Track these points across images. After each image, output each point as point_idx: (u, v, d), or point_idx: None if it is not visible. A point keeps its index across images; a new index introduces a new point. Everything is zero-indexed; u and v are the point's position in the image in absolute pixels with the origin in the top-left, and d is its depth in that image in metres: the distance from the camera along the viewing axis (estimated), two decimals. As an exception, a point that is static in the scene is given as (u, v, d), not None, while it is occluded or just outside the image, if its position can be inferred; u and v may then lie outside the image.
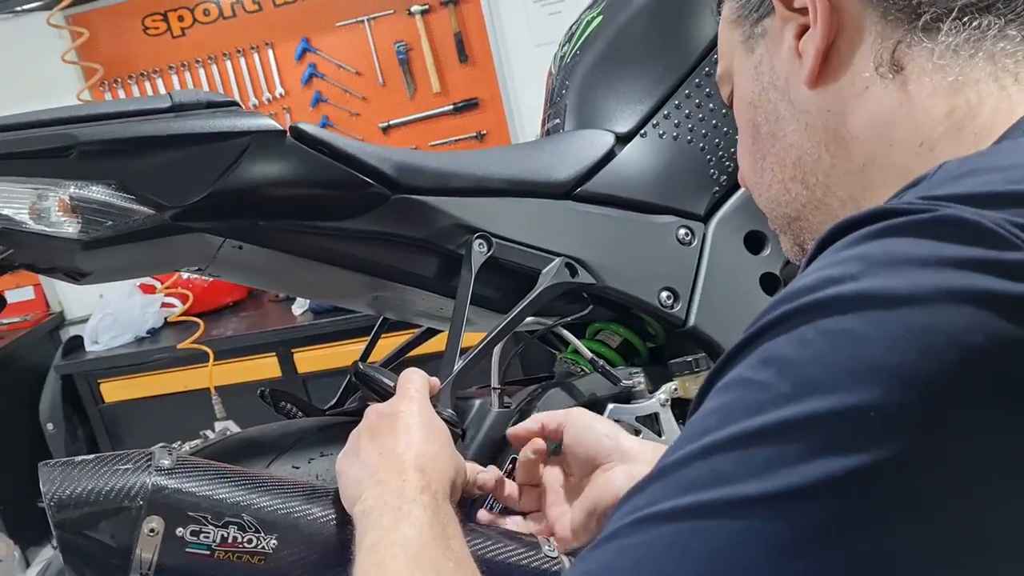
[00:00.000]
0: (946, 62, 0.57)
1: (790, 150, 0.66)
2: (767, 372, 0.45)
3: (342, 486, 0.80)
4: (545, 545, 0.89)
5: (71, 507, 0.75)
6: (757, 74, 0.67)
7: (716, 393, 0.48)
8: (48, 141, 0.86)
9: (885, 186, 0.59)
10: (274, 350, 3.05)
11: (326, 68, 3.39)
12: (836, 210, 0.65)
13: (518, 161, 1.12)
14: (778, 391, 0.44)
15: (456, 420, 0.92)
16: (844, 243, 0.48)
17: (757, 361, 0.46)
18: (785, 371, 0.44)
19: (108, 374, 3.19)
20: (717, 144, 1.18)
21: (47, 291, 3.61)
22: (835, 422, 0.42)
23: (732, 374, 0.48)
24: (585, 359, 1.12)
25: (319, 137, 0.95)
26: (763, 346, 0.46)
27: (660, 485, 0.46)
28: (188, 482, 0.78)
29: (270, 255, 1.00)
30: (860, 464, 0.41)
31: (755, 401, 0.44)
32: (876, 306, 0.43)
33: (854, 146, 0.62)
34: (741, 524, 0.42)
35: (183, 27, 3.41)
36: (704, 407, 0.48)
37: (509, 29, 3.23)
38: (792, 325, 0.45)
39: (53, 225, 0.90)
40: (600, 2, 1.30)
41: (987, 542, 0.42)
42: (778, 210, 0.70)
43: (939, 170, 0.50)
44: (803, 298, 0.46)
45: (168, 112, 0.92)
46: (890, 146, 0.59)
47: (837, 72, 0.61)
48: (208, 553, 0.76)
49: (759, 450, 0.43)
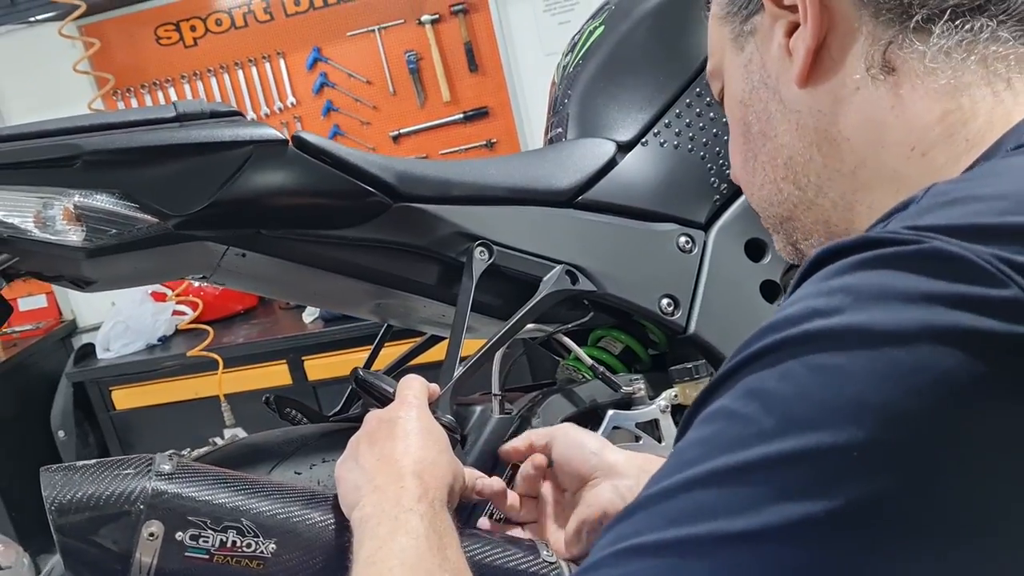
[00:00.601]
0: (938, 65, 0.56)
1: (781, 150, 0.65)
2: (751, 405, 0.45)
3: (341, 492, 0.81)
4: (544, 550, 0.89)
5: (72, 511, 0.76)
6: (747, 72, 0.67)
7: (701, 422, 0.48)
8: (53, 151, 0.88)
9: (877, 188, 0.60)
10: (284, 357, 3.07)
11: (337, 77, 3.41)
12: (828, 211, 0.64)
13: (519, 169, 1.13)
14: (761, 426, 0.44)
15: (455, 426, 0.92)
16: (832, 271, 0.47)
17: (741, 393, 0.46)
18: (768, 406, 0.44)
19: (119, 381, 3.22)
20: (718, 153, 1.18)
21: (59, 299, 3.64)
22: (817, 460, 0.41)
23: (717, 404, 0.47)
24: (586, 365, 1.12)
25: (321, 146, 0.96)
26: (747, 378, 0.46)
27: (644, 516, 0.46)
28: (188, 487, 0.79)
29: (273, 263, 1.01)
30: (841, 504, 0.41)
31: (738, 435, 0.44)
32: (862, 342, 0.43)
33: (845, 147, 0.61)
34: (721, 561, 0.42)
35: (195, 37, 3.44)
36: (689, 436, 0.48)
37: (519, 38, 3.24)
38: (777, 358, 0.45)
39: (58, 233, 0.91)
40: (602, 12, 1.31)
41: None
42: (770, 210, 0.70)
43: (928, 193, 0.49)
44: (788, 330, 0.45)
45: (172, 122, 0.93)
46: (881, 148, 0.59)
47: (828, 72, 0.61)
48: (207, 557, 0.77)
49: (740, 487, 0.43)
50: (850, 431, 0.41)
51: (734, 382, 0.47)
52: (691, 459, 0.46)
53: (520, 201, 1.10)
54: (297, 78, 3.43)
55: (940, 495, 0.41)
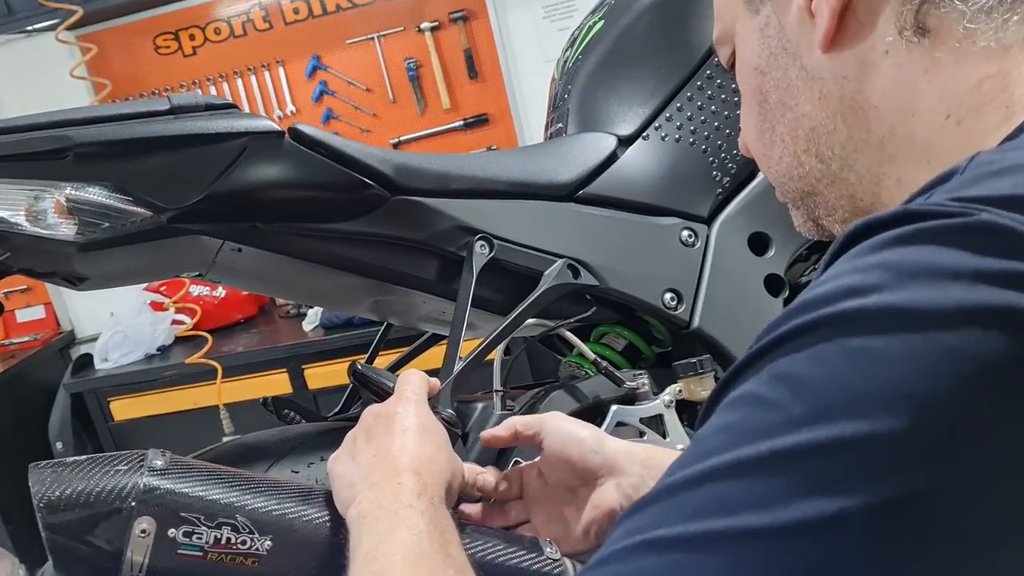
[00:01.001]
0: (977, 26, 0.52)
1: (803, 120, 0.61)
2: (778, 390, 0.42)
3: (335, 488, 0.78)
4: (547, 547, 0.87)
5: (61, 508, 0.74)
6: (763, 37, 0.62)
7: (724, 409, 0.45)
8: (45, 143, 0.86)
9: (907, 160, 0.56)
10: (284, 366, 3.04)
11: (336, 85, 3.40)
12: (853, 185, 0.60)
13: (519, 164, 1.11)
14: (790, 413, 0.40)
15: (456, 420, 0.90)
16: (868, 246, 0.43)
17: (768, 377, 0.43)
18: (798, 391, 0.41)
19: (118, 392, 3.19)
20: (720, 146, 1.17)
21: (58, 310, 3.62)
22: (852, 451, 0.38)
23: (741, 389, 0.44)
24: (589, 361, 1.11)
25: (317, 138, 0.94)
26: (776, 361, 0.43)
27: (661, 508, 0.43)
28: (181, 483, 0.77)
29: (269, 258, 0.99)
30: (878, 500, 0.38)
31: (764, 423, 0.41)
32: (903, 324, 0.39)
33: (873, 116, 0.57)
34: (743, 558, 0.39)
35: (194, 45, 3.44)
36: (711, 423, 0.45)
37: (518, 45, 3.24)
38: (808, 340, 0.42)
39: (50, 227, 0.89)
40: (602, 7, 1.30)
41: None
42: (790, 184, 0.65)
43: (972, 163, 0.46)
44: (821, 309, 0.42)
45: (167, 115, 0.91)
46: (912, 117, 0.55)
47: (855, 35, 0.56)
48: (201, 555, 0.75)
49: (766, 478, 0.40)
50: (888, 420, 0.38)
51: (761, 365, 0.44)
52: (712, 448, 0.43)
53: (520, 195, 1.08)
54: (296, 86, 3.42)
55: (988, 491, 0.38)
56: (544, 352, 1.30)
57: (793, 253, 1.17)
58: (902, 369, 0.39)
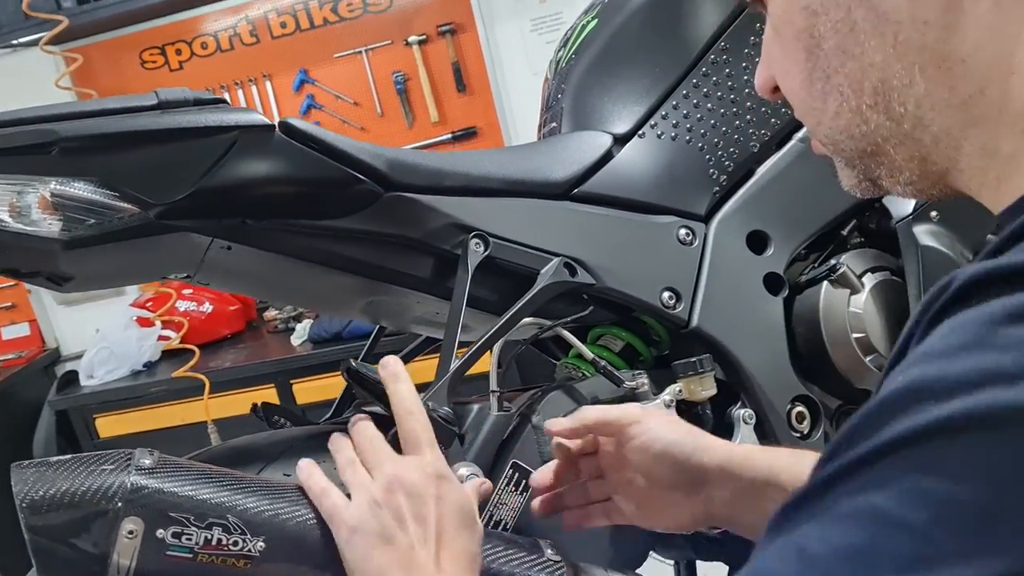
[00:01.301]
0: None
1: (870, 71, 0.52)
2: (918, 512, 0.34)
3: (352, 560, 0.75)
4: (548, 549, 0.85)
5: (44, 509, 0.71)
6: None
7: (839, 519, 0.37)
8: (29, 137, 0.84)
9: (997, 127, 0.49)
10: (272, 381, 3.02)
11: (324, 99, 3.39)
12: (927, 147, 0.52)
13: (514, 161, 1.10)
14: (940, 547, 0.33)
15: (452, 418, 0.88)
16: (1002, 312, 0.36)
17: (900, 492, 0.35)
18: (946, 518, 0.34)
19: (103, 408, 3.16)
20: (716, 144, 1.16)
21: (43, 327, 3.59)
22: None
23: (863, 499, 0.37)
24: (586, 361, 1.08)
25: (308, 132, 0.92)
26: (907, 474, 0.35)
27: None
28: (170, 482, 0.74)
29: (260, 257, 0.97)
30: None
31: (908, 553, 0.34)
32: None
33: (959, 71, 0.48)
34: None
35: (181, 60, 3.42)
36: (824, 536, 0.37)
37: (507, 58, 3.24)
38: (946, 444, 0.34)
39: (34, 223, 0.87)
40: (595, 6, 1.29)
41: None
42: (848, 143, 0.56)
43: None
44: (959, 397, 0.34)
45: (154, 109, 0.89)
46: (1011, 75, 0.47)
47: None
48: (190, 556, 0.72)
49: None
50: None
51: (884, 470, 0.36)
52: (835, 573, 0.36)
53: (515, 193, 1.06)
54: (284, 100, 3.41)
55: None
56: (534, 361, 1.28)
57: (792, 251, 1.15)
58: None
